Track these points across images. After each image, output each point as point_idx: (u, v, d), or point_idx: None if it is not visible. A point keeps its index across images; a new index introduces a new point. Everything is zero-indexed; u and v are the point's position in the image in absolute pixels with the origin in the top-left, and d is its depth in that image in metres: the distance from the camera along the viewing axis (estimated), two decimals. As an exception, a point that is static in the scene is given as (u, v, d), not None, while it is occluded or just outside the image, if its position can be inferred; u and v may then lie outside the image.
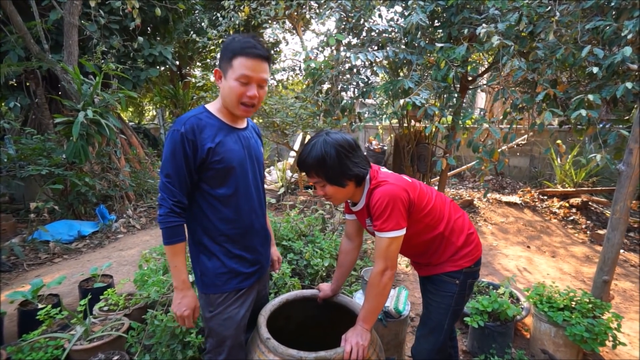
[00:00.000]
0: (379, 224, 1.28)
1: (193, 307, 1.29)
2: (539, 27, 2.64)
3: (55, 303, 2.38)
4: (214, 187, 1.27)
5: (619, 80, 2.56)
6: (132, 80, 6.18)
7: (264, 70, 1.24)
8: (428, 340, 1.51)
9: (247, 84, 1.22)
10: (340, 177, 1.28)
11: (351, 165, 1.27)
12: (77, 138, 3.81)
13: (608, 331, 1.95)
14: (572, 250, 3.99)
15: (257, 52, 1.20)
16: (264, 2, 5.00)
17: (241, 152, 1.31)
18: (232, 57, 1.20)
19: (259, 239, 1.42)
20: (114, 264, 3.38)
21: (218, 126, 1.27)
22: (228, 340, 1.34)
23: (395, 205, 1.26)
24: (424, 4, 3.30)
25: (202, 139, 1.21)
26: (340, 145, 1.27)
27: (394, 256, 1.31)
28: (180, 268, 1.25)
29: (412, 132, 4.96)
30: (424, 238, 1.43)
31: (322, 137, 1.28)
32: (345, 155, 1.27)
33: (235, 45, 1.20)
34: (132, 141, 6.45)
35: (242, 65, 1.19)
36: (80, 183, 4.17)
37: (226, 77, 1.23)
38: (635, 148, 1.92)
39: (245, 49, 1.19)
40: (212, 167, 1.23)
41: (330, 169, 1.26)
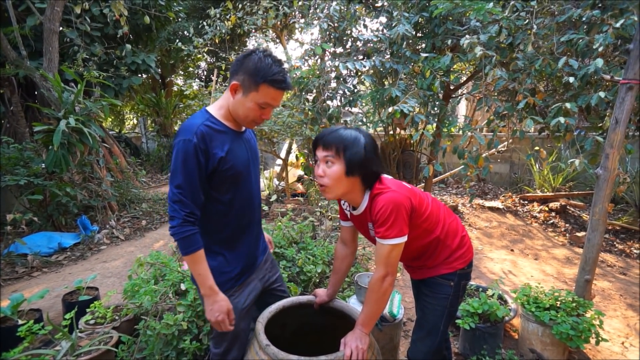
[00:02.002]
0: (382, 230, 1.29)
1: (226, 310, 1.29)
2: (517, 38, 2.77)
3: (37, 318, 2.28)
4: (222, 193, 1.30)
5: (593, 89, 2.72)
6: (115, 88, 6.07)
7: (282, 98, 1.30)
8: (425, 342, 1.53)
9: (265, 108, 1.26)
10: (357, 165, 1.25)
11: (372, 159, 1.28)
12: (58, 147, 3.70)
13: (591, 328, 2.03)
14: (553, 252, 4.13)
15: (284, 85, 1.24)
16: (250, 11, 5.04)
17: (246, 157, 1.35)
18: (261, 82, 1.20)
19: (255, 234, 1.48)
20: (98, 276, 3.27)
21: (225, 133, 1.28)
22: (230, 332, 1.38)
23: (399, 212, 1.27)
24: (408, 15, 3.41)
25: (213, 148, 1.22)
26: (373, 141, 1.31)
27: (395, 262, 1.33)
28: (204, 275, 1.25)
29: (398, 139, 5.06)
30: (422, 242, 1.46)
31: (360, 130, 1.32)
32: (371, 150, 1.28)
33: (265, 70, 1.19)
34: (113, 150, 6.31)
35: (267, 95, 1.22)
36: (60, 193, 4.04)
37: (246, 96, 1.23)
38: (611, 153, 2.03)
39: (276, 81, 1.21)
40: (221, 175, 1.25)
41: (355, 153, 1.25)
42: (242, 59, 1.23)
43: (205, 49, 5.58)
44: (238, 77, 1.23)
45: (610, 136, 2.02)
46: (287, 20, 6.27)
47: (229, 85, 1.25)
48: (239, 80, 1.23)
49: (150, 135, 9.99)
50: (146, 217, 5.13)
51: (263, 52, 1.23)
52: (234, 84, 1.24)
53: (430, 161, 4.96)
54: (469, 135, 2.80)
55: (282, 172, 5.92)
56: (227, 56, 6.03)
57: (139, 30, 6.90)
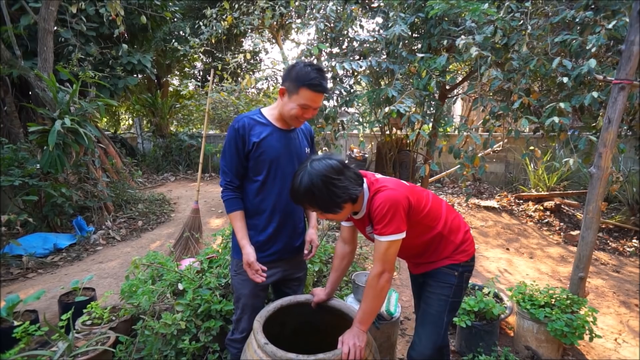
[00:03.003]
0: (380, 227, 1.31)
1: (246, 261, 1.52)
2: (512, 39, 2.80)
3: (33, 319, 2.27)
4: (254, 174, 1.55)
5: (586, 89, 2.75)
6: (110, 89, 6.03)
7: (321, 100, 1.50)
8: (430, 337, 1.50)
9: (306, 109, 1.47)
10: (332, 206, 1.30)
11: (340, 192, 1.28)
12: (54, 147, 3.67)
13: (585, 325, 2.05)
14: (548, 251, 4.17)
15: (321, 88, 1.44)
16: (247, 11, 5.04)
17: (280, 149, 1.55)
18: (300, 86, 1.43)
19: (285, 223, 1.62)
20: (95, 277, 3.25)
21: (266, 126, 1.54)
22: (243, 298, 1.61)
23: (396, 210, 1.29)
24: (405, 15, 3.43)
25: (251, 135, 1.50)
26: (324, 175, 1.27)
27: (392, 259, 1.35)
28: (237, 231, 1.55)
29: (394, 139, 5.09)
30: (424, 238, 1.48)
31: (307, 169, 1.29)
32: (331, 184, 1.27)
33: (304, 76, 1.42)
34: (109, 151, 6.27)
35: (306, 97, 1.44)
36: (56, 194, 4.01)
37: (290, 98, 1.47)
38: (604, 152, 2.06)
39: (313, 85, 1.42)
40: (255, 157, 1.51)
41: (321, 200, 1.29)
42: (290, 68, 1.48)
43: (202, 49, 5.57)
44: (285, 83, 1.48)
45: (603, 135, 2.05)
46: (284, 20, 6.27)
47: (279, 90, 1.51)
48: (285, 85, 1.48)
49: (146, 135, 9.93)
50: (142, 218, 5.11)
51: (304, 63, 1.47)
52: (281, 89, 1.50)
53: (426, 161, 4.98)
54: (465, 135, 2.83)
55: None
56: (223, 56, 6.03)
57: (135, 30, 6.87)
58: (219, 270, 2.12)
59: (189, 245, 3.48)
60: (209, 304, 1.88)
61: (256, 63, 10.17)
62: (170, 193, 6.83)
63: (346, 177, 1.31)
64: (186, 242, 3.49)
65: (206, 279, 2.00)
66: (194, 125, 10.52)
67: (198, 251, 3.36)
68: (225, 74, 7.31)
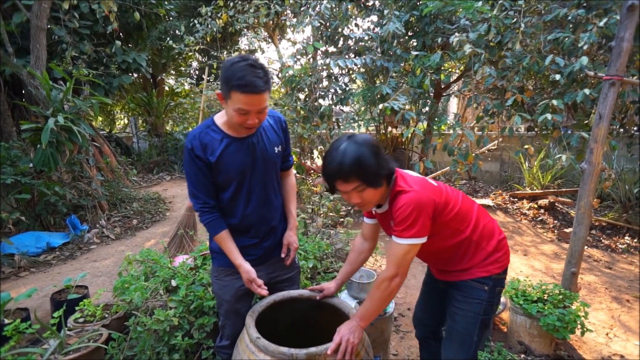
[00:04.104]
0: (400, 229, 1.24)
1: (247, 279, 1.46)
2: (506, 37, 2.82)
3: (24, 317, 2.25)
4: (220, 191, 1.45)
5: (578, 87, 2.78)
6: (105, 87, 5.99)
7: (262, 101, 1.25)
8: (457, 355, 1.40)
9: (245, 114, 1.26)
10: (378, 176, 1.23)
11: (384, 163, 1.25)
12: (47, 145, 3.64)
13: (577, 319, 2.07)
14: (542, 248, 4.20)
15: (253, 89, 1.20)
16: (242, 10, 5.03)
17: (244, 160, 1.41)
18: (230, 89, 1.21)
19: (261, 230, 1.55)
20: (88, 275, 3.23)
21: (220, 139, 1.38)
22: (225, 304, 1.55)
23: (420, 213, 1.22)
24: (399, 13, 3.44)
25: (206, 153, 1.36)
26: (371, 143, 1.24)
27: (407, 264, 1.28)
28: (228, 251, 1.45)
29: (389, 137, 5.10)
30: (450, 242, 1.37)
31: (351, 140, 1.23)
32: (377, 153, 1.23)
33: (232, 76, 1.19)
34: (103, 149, 6.23)
35: (239, 100, 1.22)
36: (49, 192, 3.97)
37: (227, 104, 1.28)
38: (595, 147, 2.08)
39: (242, 86, 1.18)
40: (216, 175, 1.40)
41: (370, 168, 1.20)
42: (223, 68, 1.26)
43: (197, 48, 5.55)
44: (220, 87, 1.29)
45: (594, 131, 2.07)
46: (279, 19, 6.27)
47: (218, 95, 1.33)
48: (221, 89, 1.29)
49: (141, 135, 9.88)
50: (137, 217, 5.08)
51: (237, 58, 1.22)
52: (218, 94, 1.32)
53: (421, 158, 5.01)
54: (459, 132, 2.84)
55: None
56: (218, 55, 6.01)
57: (130, 29, 6.83)
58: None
59: (183, 243, 3.47)
60: (202, 300, 1.87)
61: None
62: (165, 192, 6.80)
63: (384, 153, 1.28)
64: (180, 239, 3.48)
65: (199, 275, 1.99)
66: (189, 124, 10.49)
67: (192, 248, 3.35)
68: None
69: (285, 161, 1.61)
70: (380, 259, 3.55)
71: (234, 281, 1.53)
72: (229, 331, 1.58)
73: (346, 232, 3.13)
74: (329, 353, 1.26)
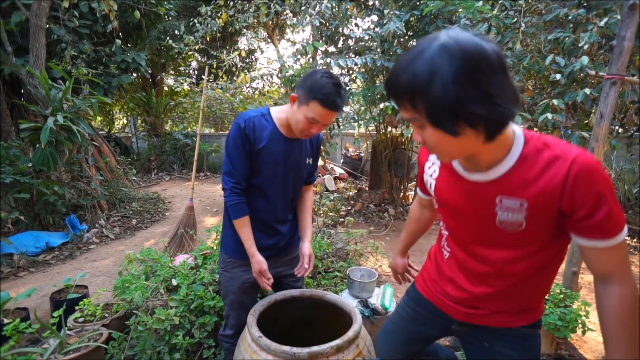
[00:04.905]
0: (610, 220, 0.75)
1: (258, 270, 1.47)
2: (506, 36, 2.82)
3: (24, 317, 2.24)
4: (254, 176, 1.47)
5: (579, 87, 2.78)
6: (104, 87, 5.98)
7: (333, 117, 1.36)
8: None
9: (314, 124, 1.34)
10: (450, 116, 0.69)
11: (477, 96, 0.67)
12: (46, 144, 3.63)
13: (578, 319, 2.07)
14: (541, 248, 4.21)
15: (334, 107, 1.30)
16: (242, 9, 5.02)
17: (279, 158, 1.46)
18: (312, 98, 1.29)
19: (275, 228, 1.58)
20: (88, 275, 3.22)
21: (271, 131, 1.43)
22: (231, 295, 1.57)
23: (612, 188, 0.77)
24: (400, 13, 3.44)
25: (256, 138, 1.40)
26: (469, 55, 0.66)
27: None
28: (244, 238, 1.45)
29: (389, 138, 5.10)
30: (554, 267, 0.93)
31: (443, 39, 0.69)
32: (472, 75, 0.66)
33: (319, 89, 1.28)
34: (103, 149, 6.22)
35: (315, 111, 1.30)
36: (48, 192, 3.96)
37: (299, 108, 1.34)
38: (596, 147, 2.08)
39: (326, 99, 1.28)
40: (254, 162, 1.43)
41: (437, 99, 0.67)
42: (306, 76, 1.36)
43: (197, 47, 5.54)
44: (298, 91, 1.36)
45: (595, 130, 2.07)
46: (279, 19, 6.27)
47: (290, 96, 1.39)
48: (298, 93, 1.36)
49: (140, 134, 9.87)
50: (136, 216, 5.07)
51: (324, 73, 1.32)
52: (292, 96, 1.38)
53: (421, 159, 5.01)
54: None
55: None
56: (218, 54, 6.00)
57: (129, 28, 6.82)
58: (213, 266, 2.11)
59: (183, 243, 3.46)
60: (203, 299, 1.86)
61: (251, 62, 10.14)
62: (164, 192, 6.79)
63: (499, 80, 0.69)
64: (180, 239, 3.47)
65: (200, 274, 1.99)
66: (188, 123, 10.47)
67: (192, 248, 3.34)
68: (220, 72, 7.28)
69: (309, 175, 1.65)
70: (381, 258, 3.54)
71: (242, 273, 1.56)
72: (232, 321, 1.61)
73: (346, 231, 3.13)
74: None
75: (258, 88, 6.57)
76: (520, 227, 0.82)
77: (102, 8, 4.57)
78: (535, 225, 0.82)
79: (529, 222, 0.81)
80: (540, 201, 0.78)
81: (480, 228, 0.89)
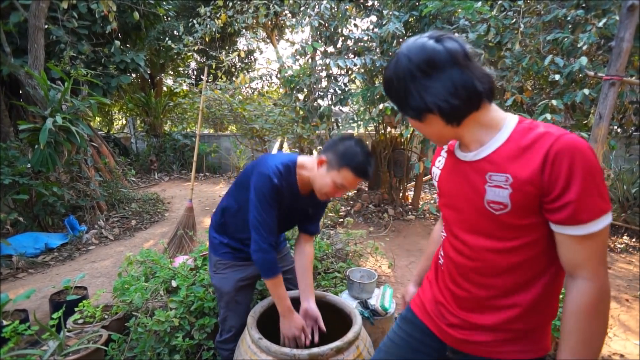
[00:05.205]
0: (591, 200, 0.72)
1: (300, 327, 1.47)
2: (505, 37, 2.83)
3: (23, 319, 2.24)
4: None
5: (578, 87, 2.79)
6: (103, 87, 5.97)
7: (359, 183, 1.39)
8: None
9: (341, 189, 1.37)
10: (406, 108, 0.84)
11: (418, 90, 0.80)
12: (45, 145, 3.62)
13: (578, 319, 2.07)
14: (540, 248, 4.22)
15: (365, 176, 1.33)
16: (241, 10, 5.02)
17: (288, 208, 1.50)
18: (344, 165, 1.31)
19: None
20: (87, 276, 3.22)
21: (292, 190, 1.45)
22: (225, 296, 1.58)
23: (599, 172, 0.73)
24: (399, 13, 3.44)
25: (284, 196, 1.42)
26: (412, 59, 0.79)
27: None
28: (282, 297, 1.44)
29: (388, 138, 5.10)
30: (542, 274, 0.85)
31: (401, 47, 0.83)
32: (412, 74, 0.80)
33: (352, 157, 1.31)
34: (102, 150, 6.21)
35: (346, 178, 1.33)
36: (47, 193, 3.95)
37: (328, 172, 1.35)
38: (595, 147, 2.08)
39: (359, 169, 1.31)
40: None
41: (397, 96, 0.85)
42: (338, 140, 1.37)
43: (196, 48, 5.54)
44: (327, 154, 1.37)
45: (594, 131, 2.07)
46: (278, 19, 6.27)
47: (318, 158, 1.40)
48: (327, 156, 1.37)
49: (139, 135, 9.86)
50: (136, 217, 5.06)
51: (356, 141, 1.35)
52: (321, 159, 1.38)
53: (420, 159, 5.01)
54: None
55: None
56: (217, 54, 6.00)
57: (128, 29, 6.81)
58: (213, 268, 2.11)
59: (182, 244, 3.46)
60: (203, 301, 1.86)
61: (250, 63, 10.14)
62: (164, 192, 6.78)
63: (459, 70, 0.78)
64: (180, 240, 3.47)
65: (200, 276, 1.98)
66: (187, 124, 10.46)
67: (192, 249, 3.34)
68: (220, 72, 7.27)
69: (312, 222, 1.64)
70: (381, 259, 3.55)
71: (234, 273, 1.58)
72: (231, 322, 1.60)
73: (346, 232, 3.13)
74: None
75: (257, 88, 6.57)
76: (505, 208, 0.80)
77: (101, 9, 4.56)
78: (518, 205, 0.78)
79: (513, 201, 0.79)
80: (522, 175, 0.77)
81: (470, 212, 0.87)
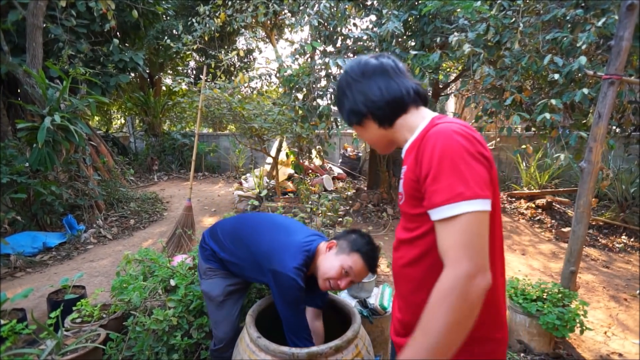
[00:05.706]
0: (441, 188, 0.71)
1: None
2: (504, 37, 2.83)
3: (21, 318, 2.23)
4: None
5: (577, 86, 2.79)
6: (102, 86, 5.96)
7: (363, 278, 1.43)
8: None
9: (345, 277, 1.37)
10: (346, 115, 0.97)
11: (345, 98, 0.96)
12: (43, 144, 3.61)
13: (576, 318, 2.08)
14: (540, 247, 4.22)
15: (372, 267, 1.40)
16: (240, 9, 5.01)
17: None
18: (355, 250, 1.36)
19: None
20: (85, 275, 3.21)
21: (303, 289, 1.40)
22: (214, 300, 1.61)
23: (468, 157, 0.72)
24: (398, 13, 3.44)
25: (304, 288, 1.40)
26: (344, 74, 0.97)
27: (482, 248, 0.70)
28: None
29: (388, 137, 5.10)
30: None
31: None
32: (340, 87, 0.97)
33: (363, 246, 1.38)
34: (100, 149, 6.20)
35: (355, 263, 1.35)
36: (45, 192, 3.94)
37: (337, 255, 1.38)
38: (594, 146, 2.09)
39: (367, 256, 1.37)
40: None
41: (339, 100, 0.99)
42: (349, 231, 1.45)
43: (195, 47, 5.53)
44: (339, 240, 1.43)
45: (593, 130, 2.08)
46: (277, 18, 6.26)
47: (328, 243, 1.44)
48: (338, 242, 1.42)
49: (138, 134, 9.84)
50: (134, 217, 5.05)
51: (368, 239, 1.42)
52: (332, 242, 1.44)
53: (419, 159, 5.01)
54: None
55: (273, 170, 5.90)
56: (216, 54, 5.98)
57: (127, 28, 6.79)
58: (211, 267, 2.10)
59: (181, 243, 3.45)
60: (201, 300, 1.85)
61: (250, 62, 10.13)
62: (162, 192, 6.77)
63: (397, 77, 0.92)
64: (179, 239, 3.46)
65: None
66: (186, 123, 10.44)
67: (191, 248, 3.33)
68: (219, 71, 7.26)
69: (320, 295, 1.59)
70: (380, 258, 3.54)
71: (222, 280, 1.61)
72: (223, 329, 1.60)
73: (345, 231, 3.12)
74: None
75: (256, 88, 6.56)
76: (402, 198, 0.88)
77: (100, 7, 4.55)
78: (408, 194, 0.84)
79: (405, 191, 0.86)
80: (409, 165, 0.84)
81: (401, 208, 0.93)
